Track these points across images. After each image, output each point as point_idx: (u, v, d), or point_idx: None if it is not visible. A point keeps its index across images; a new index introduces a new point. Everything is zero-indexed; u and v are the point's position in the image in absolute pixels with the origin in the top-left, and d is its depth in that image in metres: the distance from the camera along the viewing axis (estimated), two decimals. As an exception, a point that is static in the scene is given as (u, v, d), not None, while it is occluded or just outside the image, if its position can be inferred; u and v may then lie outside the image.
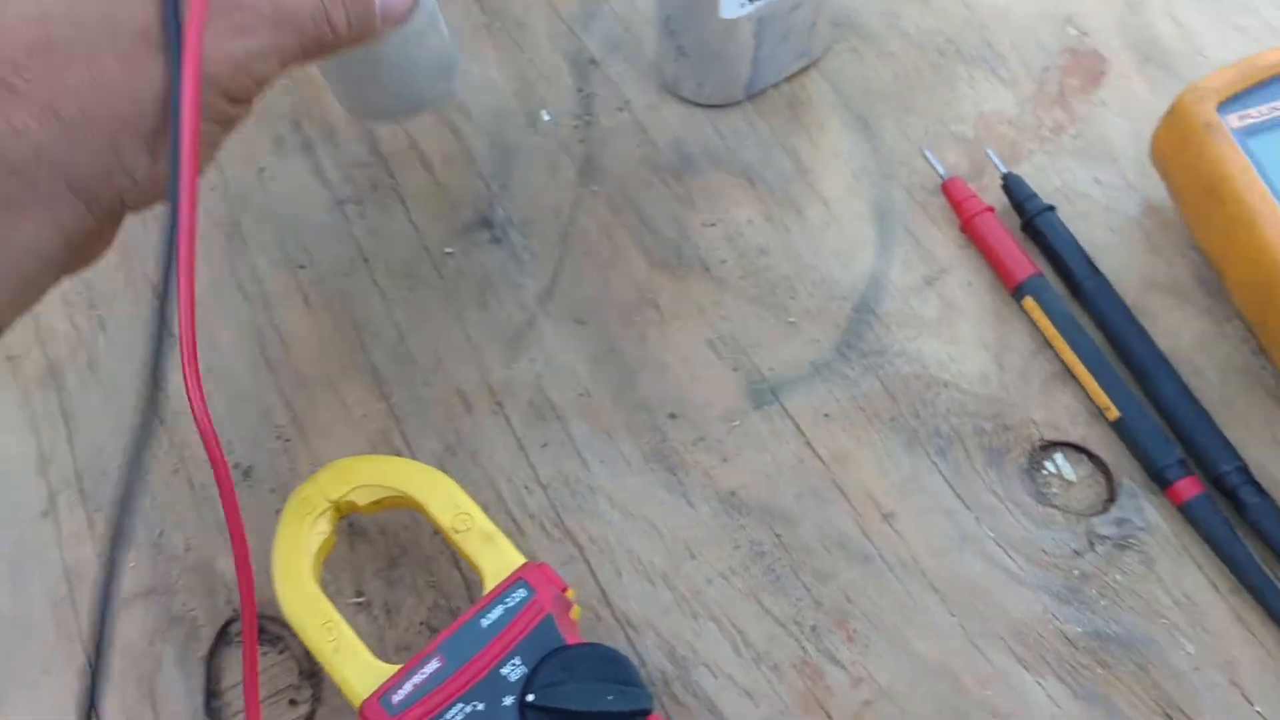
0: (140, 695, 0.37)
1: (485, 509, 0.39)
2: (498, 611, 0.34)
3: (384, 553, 0.39)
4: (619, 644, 0.37)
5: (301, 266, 0.44)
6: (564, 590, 0.34)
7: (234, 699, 0.37)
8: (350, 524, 0.39)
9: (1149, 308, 0.42)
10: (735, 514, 0.39)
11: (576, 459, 0.40)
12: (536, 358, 0.42)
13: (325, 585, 0.38)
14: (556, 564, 0.38)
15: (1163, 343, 0.41)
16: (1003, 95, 0.47)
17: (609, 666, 0.33)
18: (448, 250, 0.44)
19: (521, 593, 0.34)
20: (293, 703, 0.37)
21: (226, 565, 0.39)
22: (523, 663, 0.33)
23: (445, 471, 0.39)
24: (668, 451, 0.40)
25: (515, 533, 0.39)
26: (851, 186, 0.45)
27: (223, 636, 0.38)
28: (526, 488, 0.40)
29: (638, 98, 0.48)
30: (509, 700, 0.32)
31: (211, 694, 0.37)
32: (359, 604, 0.38)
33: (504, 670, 0.33)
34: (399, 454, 0.40)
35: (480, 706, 0.32)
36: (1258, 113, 0.39)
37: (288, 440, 0.41)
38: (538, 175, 0.46)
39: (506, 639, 0.33)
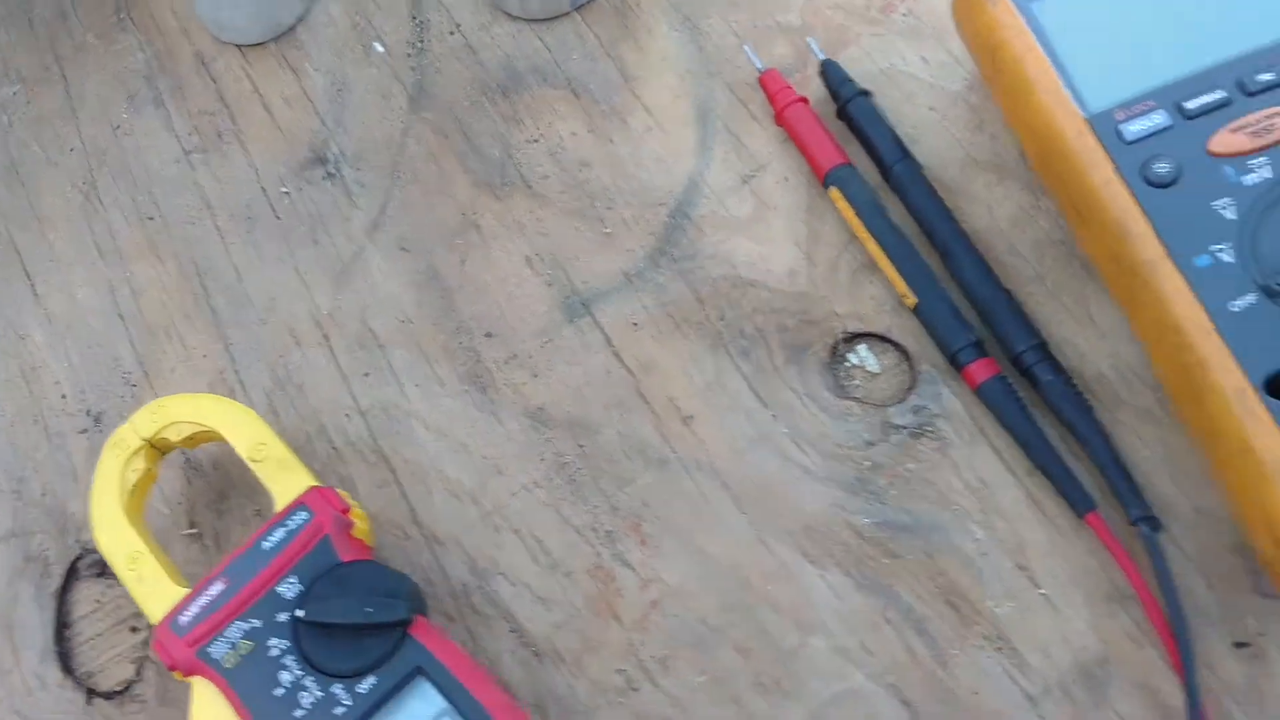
0: (0, 631, 0.40)
1: (309, 439, 0.40)
2: (279, 534, 0.35)
3: (216, 486, 0.41)
4: (424, 560, 0.38)
5: (151, 218, 0.46)
6: (345, 511, 0.36)
7: (83, 629, 0.40)
8: (188, 460, 0.41)
9: (969, 186, 0.40)
10: (542, 428, 0.39)
11: (395, 385, 0.41)
12: (362, 289, 0.43)
13: (160, 519, 0.40)
14: (371, 488, 0.40)
15: (980, 221, 0.40)
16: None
17: (376, 581, 0.34)
18: (284, 190, 0.45)
19: (302, 515, 0.36)
20: (133, 629, 0.39)
21: (77, 507, 0.41)
22: (299, 581, 0.35)
23: (273, 405, 0.41)
24: (481, 372, 0.41)
25: (335, 460, 0.40)
26: (676, 90, 0.44)
27: (73, 573, 0.41)
28: (347, 416, 0.41)
29: (469, 19, 0.48)
30: (284, 617, 0.34)
31: (62, 625, 0.40)
32: (192, 535, 0.40)
33: (280, 589, 0.35)
34: (233, 392, 0.42)
35: (258, 624, 0.34)
36: (1046, -28, 0.36)
37: (134, 386, 0.43)
38: (371, 108, 0.46)
39: (285, 559, 0.35)
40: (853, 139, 0.42)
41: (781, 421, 0.38)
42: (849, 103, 0.41)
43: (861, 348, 0.39)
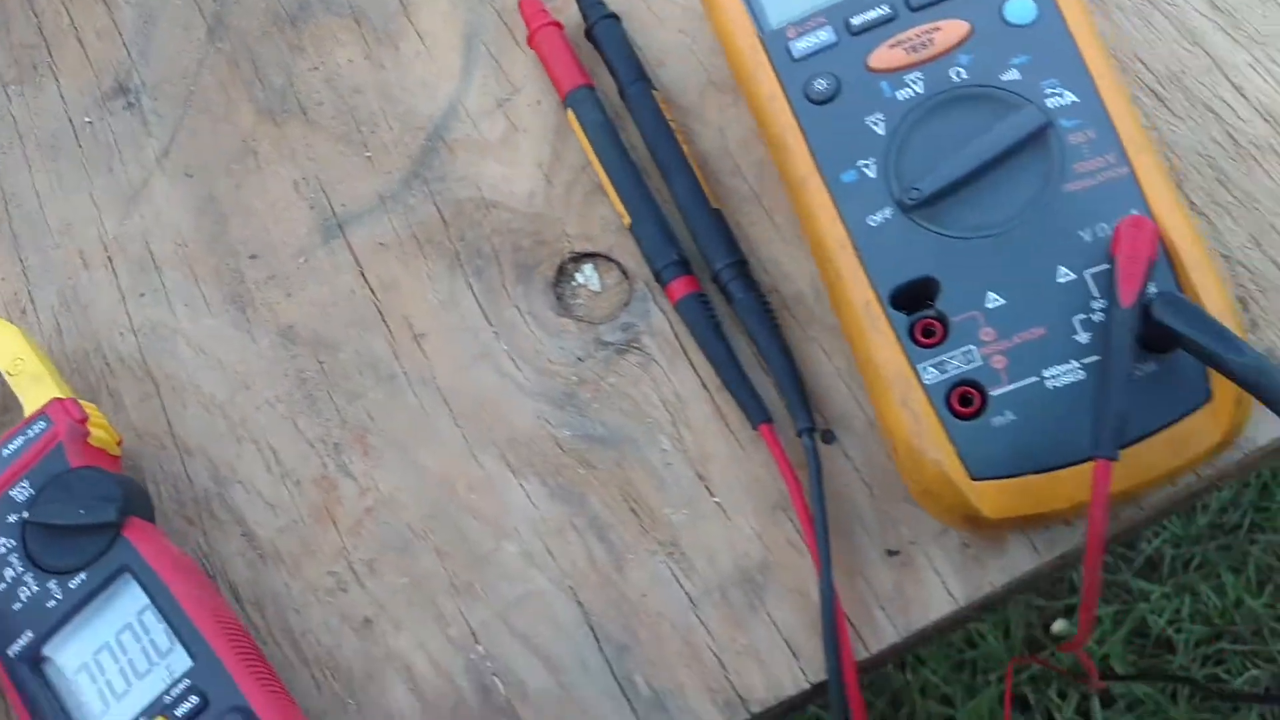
0: None
1: (87, 356, 0.43)
2: (17, 442, 0.38)
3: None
4: (175, 469, 0.41)
5: (-31, 150, 0.48)
6: (82, 421, 0.38)
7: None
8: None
9: (705, 109, 0.41)
10: (290, 345, 0.41)
11: (166, 306, 0.43)
12: (147, 214, 0.45)
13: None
14: (136, 401, 0.42)
15: (711, 143, 0.40)
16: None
17: (96, 486, 0.37)
18: (87, 120, 0.47)
19: (40, 424, 0.38)
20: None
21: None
22: (30, 486, 0.37)
23: (59, 324, 0.43)
24: (242, 292, 0.43)
25: (108, 375, 0.43)
26: (448, 15, 0.45)
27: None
28: (121, 334, 0.43)
29: (269, -50, 0.49)
30: (14, 519, 0.37)
31: None
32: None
33: (13, 493, 0.37)
34: (24, 312, 0.45)
35: (-10, 525, 0.37)
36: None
37: (-60, 309, 0.46)
38: (173, 39, 0.48)
39: (20, 466, 0.37)
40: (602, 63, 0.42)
41: (503, 339, 0.39)
42: (595, 25, 0.42)
43: (587, 267, 0.40)
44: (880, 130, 0.33)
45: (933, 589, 0.33)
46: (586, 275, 0.40)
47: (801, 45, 0.34)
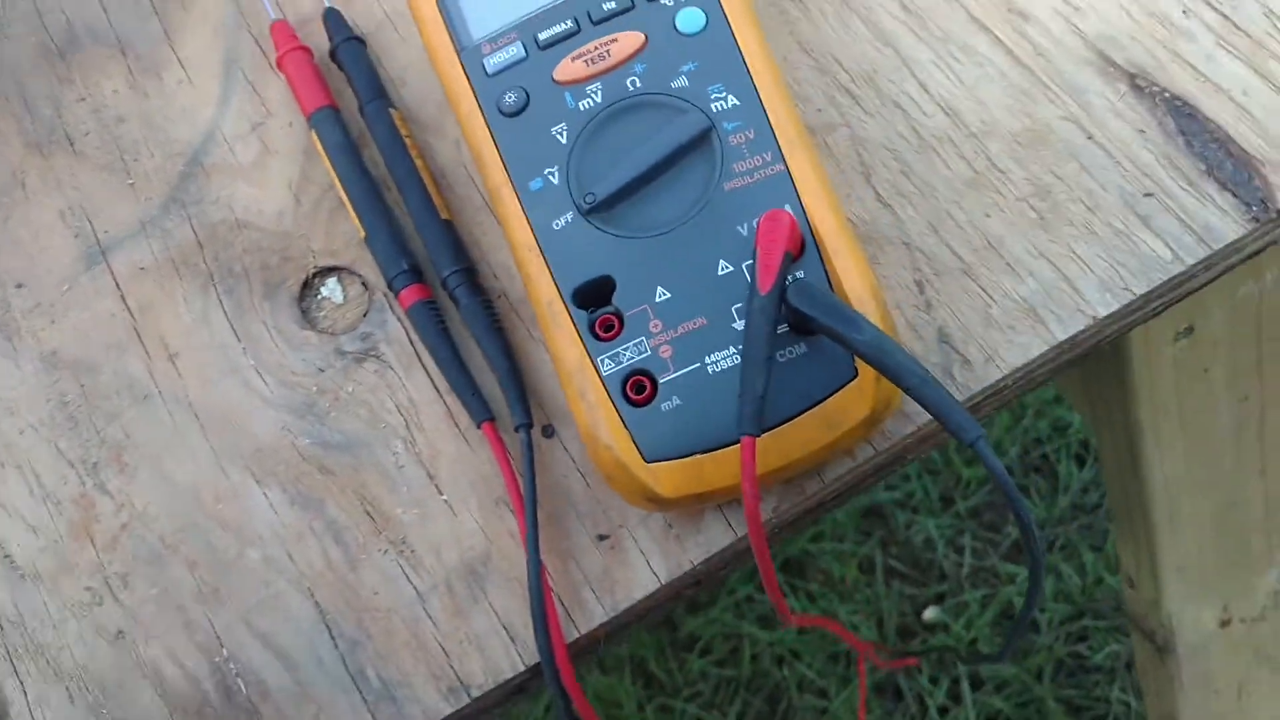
0: None
1: None
2: None
3: None
4: (-61, 496, 0.41)
5: None
6: None
7: None
8: None
9: (442, 124, 0.43)
10: (53, 370, 0.42)
11: (-66, 337, 0.44)
12: (-81, 249, 0.46)
13: None
14: (-97, 432, 0.43)
15: (447, 156, 0.42)
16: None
17: None
18: None
19: None
20: None
21: None
22: None
23: None
24: (8, 321, 0.44)
25: (-123, 409, 0.43)
26: (210, 43, 0.47)
27: None
28: (-110, 368, 0.44)
29: (41, -15, 0.50)
30: None
31: None
32: None
33: None
34: None
35: None
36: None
37: None
38: (-54, 76, 0.49)
39: None
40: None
41: (250, 354, 0.41)
42: (338, 48, 0.43)
43: (331, 281, 0.41)
44: (564, 139, 0.34)
45: (638, 570, 0.35)
46: (330, 289, 0.41)
47: (494, 61, 0.36)
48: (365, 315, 0.40)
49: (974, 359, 0.35)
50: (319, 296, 0.41)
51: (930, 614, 1.08)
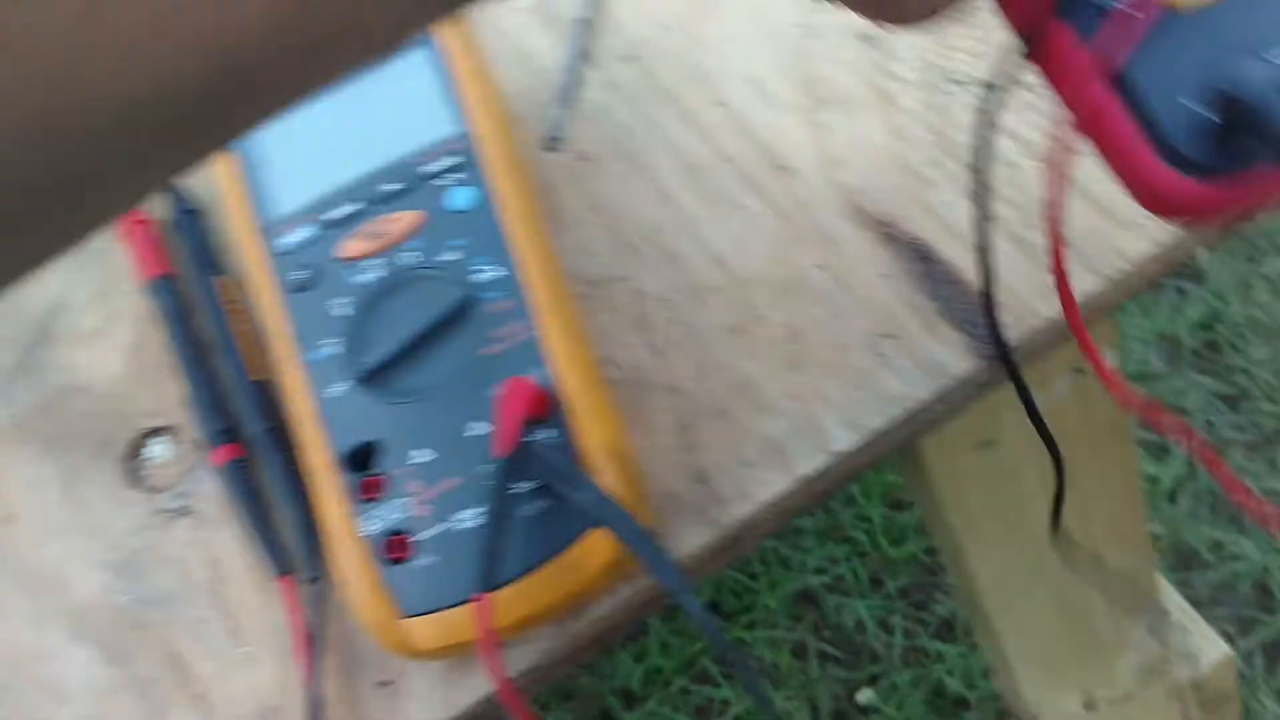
0: None
1: None
2: None
3: None
4: None
5: None
6: None
7: None
8: None
9: (267, 286, 0.45)
10: (-100, 535, 0.45)
11: None
12: None
13: None
14: None
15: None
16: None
17: None
18: None
19: None
20: None
21: None
22: None
23: None
24: None
25: None
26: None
27: None
28: None
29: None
30: None
31: None
32: None
33: None
34: None
35: None
36: (250, 101, 0.42)
37: None
38: None
39: None
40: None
41: (79, 515, 0.43)
42: (176, 220, 0.46)
43: (160, 440, 0.44)
44: (346, 313, 0.37)
45: (415, 714, 0.37)
46: (157, 448, 0.44)
47: (288, 240, 0.39)
48: (187, 473, 0.43)
49: (727, 497, 0.37)
50: (146, 456, 0.44)
51: (864, 696, 1.09)
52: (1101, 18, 0.28)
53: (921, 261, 0.39)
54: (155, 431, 0.44)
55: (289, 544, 0.40)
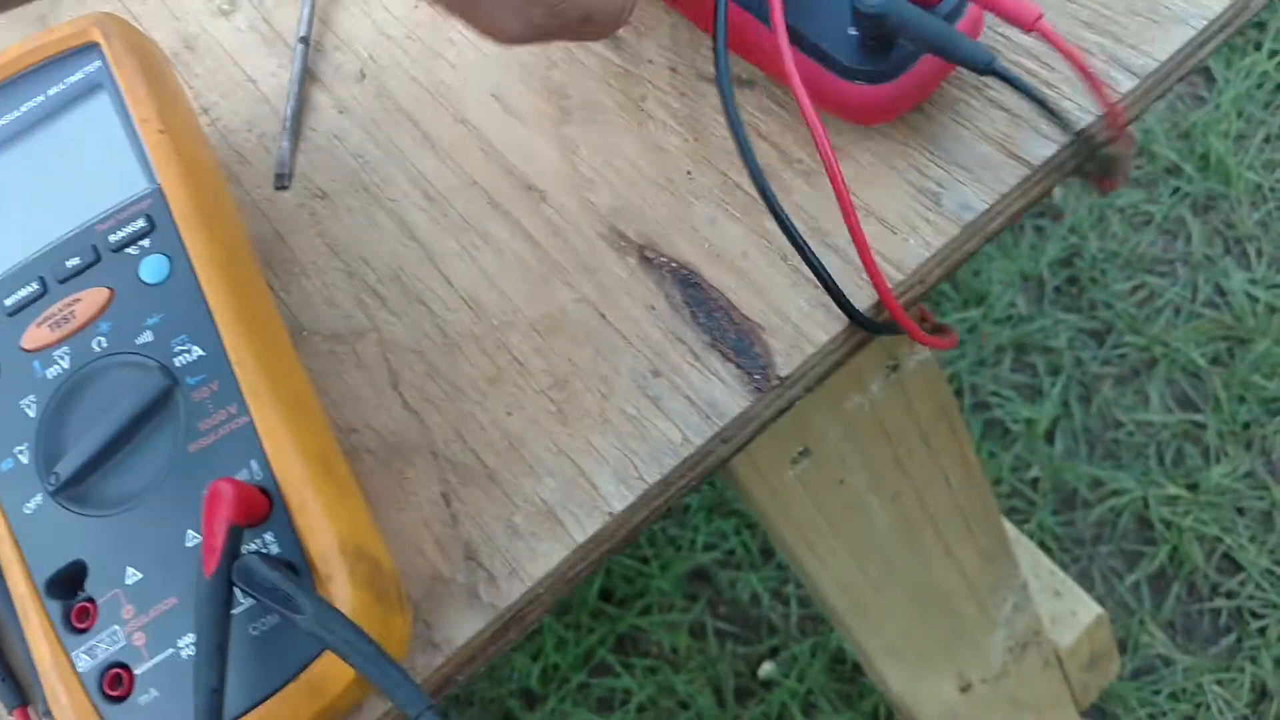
0: None
1: None
2: None
3: None
4: None
5: None
6: None
7: None
8: None
9: None
10: None
11: None
12: None
13: None
14: None
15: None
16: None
17: None
18: None
19: None
20: None
21: None
22: None
23: None
24: None
25: None
26: None
27: None
28: None
29: None
30: None
31: None
32: None
33: None
34: None
35: None
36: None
37: None
38: None
39: None
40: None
41: None
42: None
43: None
44: (32, 413, 0.33)
45: None
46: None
47: (-38, 334, 0.34)
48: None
49: (499, 574, 0.33)
50: None
51: (765, 670, 1.08)
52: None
53: (686, 288, 0.36)
54: None
55: (22, 669, 0.36)
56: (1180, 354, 1.09)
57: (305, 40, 0.43)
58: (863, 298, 0.34)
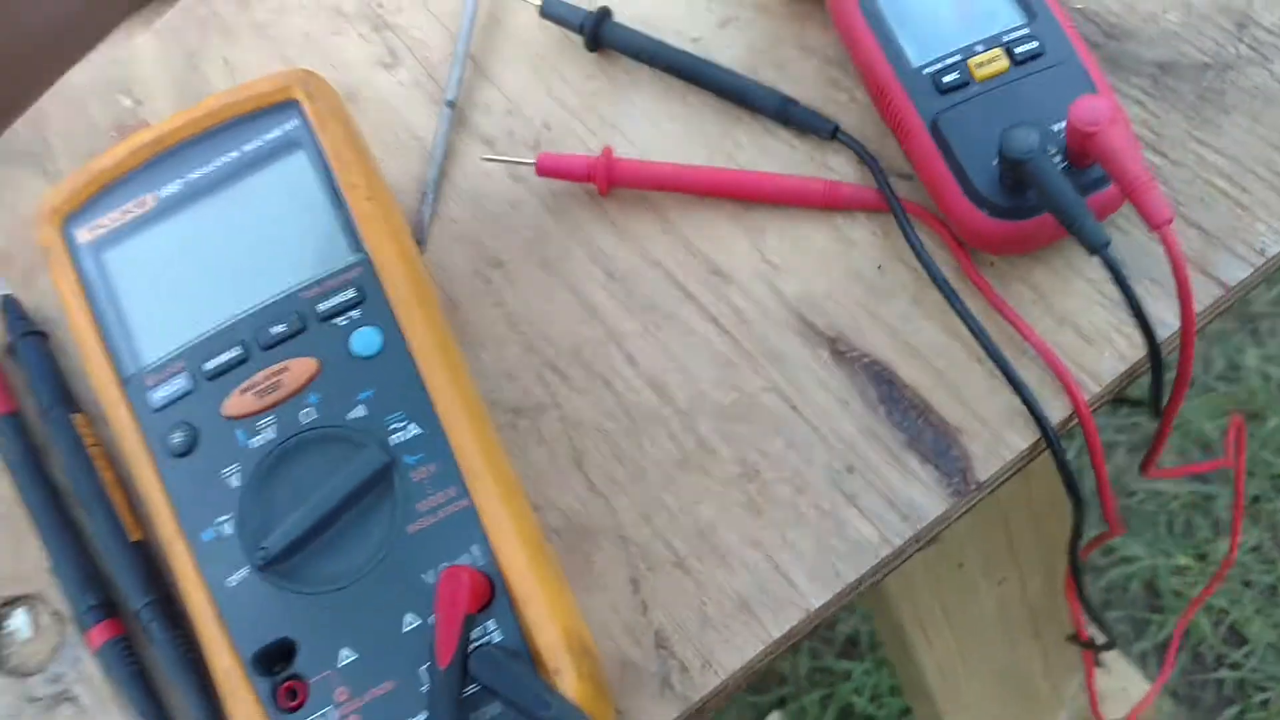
0: None
1: None
2: None
3: None
4: None
5: None
6: None
7: None
8: None
9: (138, 420, 0.40)
10: None
11: None
12: None
13: None
14: None
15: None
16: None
17: None
18: None
19: None
20: None
21: None
22: None
23: None
24: None
25: None
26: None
27: None
28: None
29: None
30: None
31: None
32: None
33: None
34: None
35: None
36: (109, 220, 0.36)
37: None
38: None
39: None
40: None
41: (-71, 706, 0.37)
42: (16, 344, 0.40)
43: (20, 612, 0.38)
44: (235, 483, 0.32)
45: None
46: (18, 621, 0.38)
47: (159, 394, 0.33)
48: (57, 651, 0.37)
49: (691, 665, 0.33)
50: (6, 631, 0.38)
51: (773, 718, 1.08)
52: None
53: (880, 384, 0.36)
54: (14, 600, 0.38)
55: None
56: (1193, 426, 1.11)
57: (451, 104, 0.43)
58: (1059, 407, 0.35)
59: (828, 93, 0.41)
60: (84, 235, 0.36)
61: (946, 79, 0.35)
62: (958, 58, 0.35)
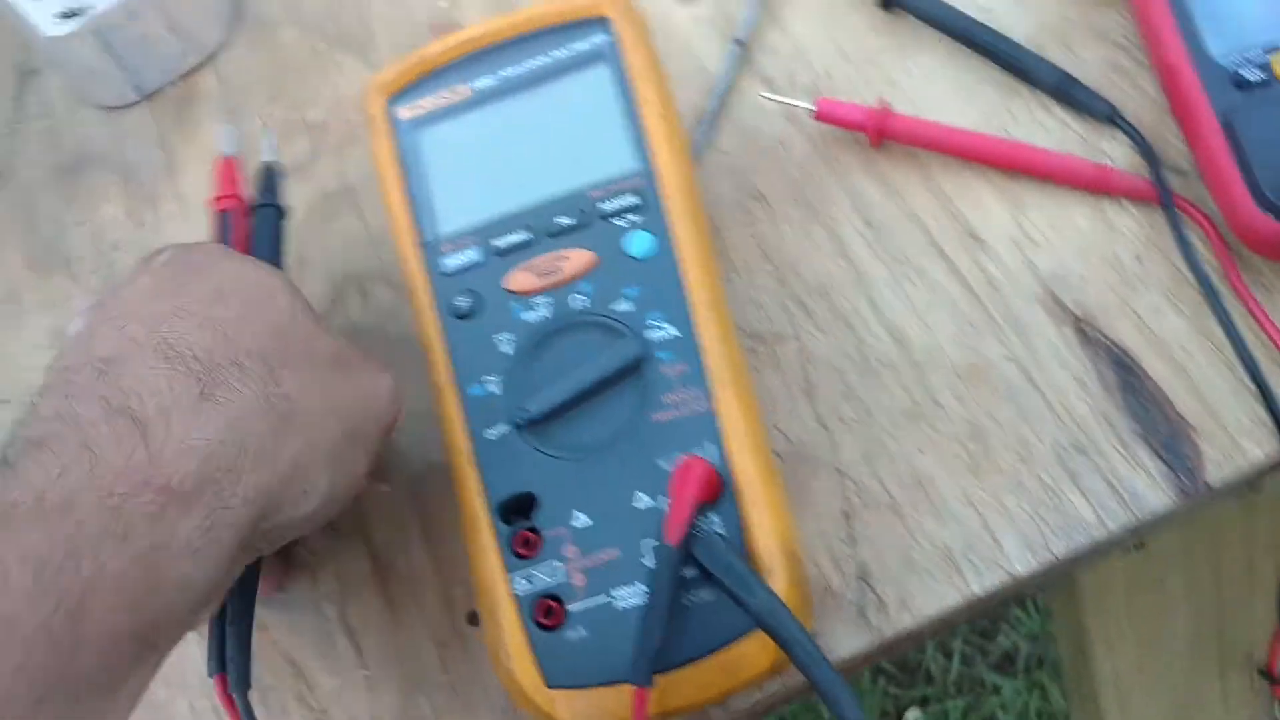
0: None
1: None
2: None
3: None
4: None
5: None
6: None
7: None
8: None
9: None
10: None
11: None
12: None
13: None
14: None
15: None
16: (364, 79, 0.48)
17: None
18: None
19: None
20: None
21: None
22: None
23: None
24: None
25: None
26: (206, 179, 0.48)
27: None
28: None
29: (62, 106, 0.52)
30: None
31: None
32: None
33: None
34: None
35: None
36: (427, 103, 0.40)
37: None
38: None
39: None
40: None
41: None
42: (255, 210, 0.43)
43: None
44: (508, 349, 0.35)
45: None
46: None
47: (452, 261, 0.37)
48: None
49: (889, 602, 0.35)
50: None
51: (911, 716, 1.08)
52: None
53: (1121, 371, 0.36)
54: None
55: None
56: None
57: (741, 43, 0.45)
58: (1306, 425, 0.34)
59: (1110, 79, 0.41)
60: (404, 113, 0.40)
61: (1248, 75, 0.35)
62: (1262, 55, 0.35)
